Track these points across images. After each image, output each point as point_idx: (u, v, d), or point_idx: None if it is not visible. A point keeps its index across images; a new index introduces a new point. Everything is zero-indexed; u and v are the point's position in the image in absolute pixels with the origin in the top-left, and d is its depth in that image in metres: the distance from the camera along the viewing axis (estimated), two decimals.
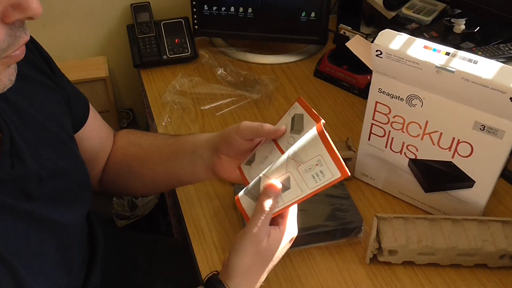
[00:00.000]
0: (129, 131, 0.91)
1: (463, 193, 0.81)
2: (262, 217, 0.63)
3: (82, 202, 0.73)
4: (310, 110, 0.69)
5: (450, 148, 0.78)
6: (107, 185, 0.88)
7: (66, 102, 0.75)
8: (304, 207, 0.81)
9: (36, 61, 0.70)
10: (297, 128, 0.68)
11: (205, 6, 1.24)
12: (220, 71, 1.21)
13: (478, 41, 1.13)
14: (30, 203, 0.61)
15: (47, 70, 0.73)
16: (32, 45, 0.71)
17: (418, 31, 1.20)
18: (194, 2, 1.24)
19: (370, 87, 0.81)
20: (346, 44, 1.09)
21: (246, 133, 0.71)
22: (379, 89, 0.80)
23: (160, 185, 0.87)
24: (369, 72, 0.84)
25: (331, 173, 0.61)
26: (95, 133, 0.83)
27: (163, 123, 1.08)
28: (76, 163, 0.72)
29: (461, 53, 0.70)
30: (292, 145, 0.65)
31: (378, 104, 0.81)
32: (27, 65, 0.67)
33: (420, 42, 0.73)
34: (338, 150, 0.90)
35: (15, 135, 0.61)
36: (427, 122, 0.77)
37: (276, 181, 0.64)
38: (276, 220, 0.66)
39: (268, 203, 0.63)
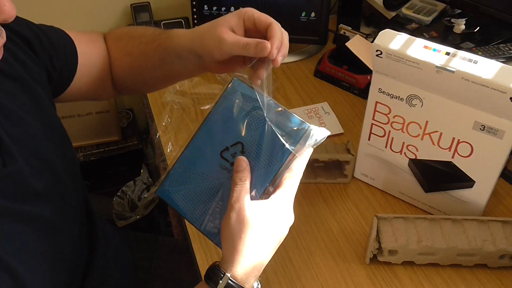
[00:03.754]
0: (114, 38, 0.85)
1: (463, 193, 0.81)
2: (237, 190, 0.59)
3: (74, 197, 0.72)
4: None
5: (450, 148, 0.78)
6: (121, 90, 0.88)
7: (49, 80, 0.73)
8: None
9: (17, 53, 0.68)
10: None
11: (205, 6, 1.24)
12: None
13: (478, 41, 1.14)
14: (24, 203, 0.60)
15: (30, 54, 0.70)
16: (13, 32, 0.68)
17: (418, 31, 1.20)
18: (194, 2, 1.24)
19: (370, 87, 0.81)
20: (346, 44, 1.09)
21: (230, 52, 0.66)
22: (379, 89, 0.80)
23: (165, 82, 0.86)
24: (369, 72, 0.85)
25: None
26: (90, 62, 0.81)
27: (163, 123, 1.09)
28: (64, 157, 0.70)
29: (461, 53, 0.70)
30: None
31: (378, 104, 0.81)
32: (5, 60, 0.65)
33: (420, 42, 0.73)
34: (338, 153, 0.91)
35: (1, 133, 0.60)
36: (427, 122, 0.77)
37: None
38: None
39: (239, 176, 0.60)
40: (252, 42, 0.63)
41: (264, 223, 0.58)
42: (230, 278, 0.56)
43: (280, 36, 0.65)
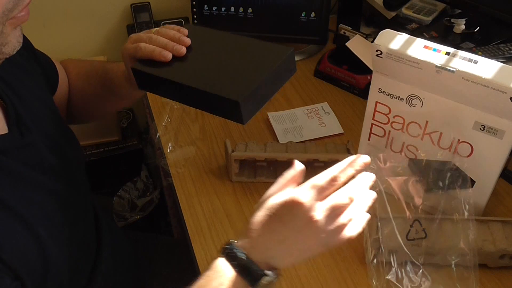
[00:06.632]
0: (71, 69, 0.91)
1: (463, 193, 0.81)
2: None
3: (81, 184, 0.75)
4: None
5: (450, 148, 0.78)
6: (77, 115, 0.93)
7: (46, 80, 0.78)
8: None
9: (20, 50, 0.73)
10: None
11: (205, 6, 1.24)
12: None
13: (478, 41, 1.13)
14: (43, 174, 0.63)
15: (30, 54, 0.75)
16: None
17: (418, 31, 1.20)
18: (194, 2, 1.24)
19: (370, 87, 0.81)
20: (346, 44, 1.09)
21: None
22: (379, 89, 0.80)
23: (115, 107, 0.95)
24: (369, 72, 0.85)
25: None
26: (62, 82, 0.87)
27: (163, 123, 1.08)
28: (68, 139, 0.75)
29: (461, 53, 0.70)
30: None
31: (378, 104, 0.81)
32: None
33: (420, 42, 0.73)
34: (338, 153, 0.91)
35: (19, 108, 0.64)
36: (427, 122, 0.77)
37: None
38: None
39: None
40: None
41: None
42: (233, 241, 0.56)
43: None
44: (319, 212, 0.53)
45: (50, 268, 0.60)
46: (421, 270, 0.75)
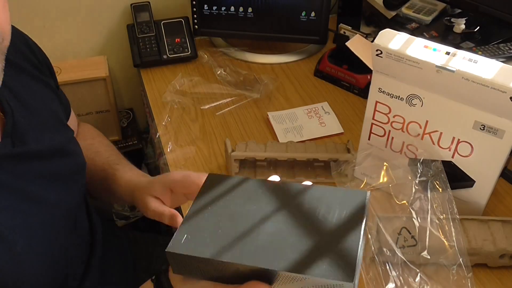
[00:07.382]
0: (88, 141, 0.91)
1: (463, 193, 0.81)
2: None
3: (78, 184, 0.75)
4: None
5: (450, 147, 0.78)
6: None
7: (56, 97, 0.78)
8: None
9: (33, 60, 0.74)
10: None
11: (205, 5, 1.24)
12: (220, 71, 1.21)
13: (478, 41, 1.14)
14: (30, 183, 0.62)
15: (44, 70, 0.76)
16: (31, 45, 0.76)
17: (418, 30, 1.20)
18: (194, 2, 1.24)
19: (370, 86, 0.81)
20: (346, 43, 1.09)
21: (153, 217, 0.73)
22: (379, 88, 0.80)
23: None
24: (369, 71, 0.85)
25: None
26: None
27: (163, 123, 1.09)
28: (72, 147, 0.74)
29: (461, 52, 0.70)
30: None
31: (378, 103, 0.81)
32: (24, 61, 0.72)
33: (420, 41, 0.73)
34: (337, 153, 0.91)
35: (17, 117, 0.63)
36: (427, 121, 0.77)
37: None
38: None
39: None
40: (167, 214, 0.71)
41: None
42: None
43: None
44: None
45: (24, 280, 0.59)
46: (419, 275, 0.75)
